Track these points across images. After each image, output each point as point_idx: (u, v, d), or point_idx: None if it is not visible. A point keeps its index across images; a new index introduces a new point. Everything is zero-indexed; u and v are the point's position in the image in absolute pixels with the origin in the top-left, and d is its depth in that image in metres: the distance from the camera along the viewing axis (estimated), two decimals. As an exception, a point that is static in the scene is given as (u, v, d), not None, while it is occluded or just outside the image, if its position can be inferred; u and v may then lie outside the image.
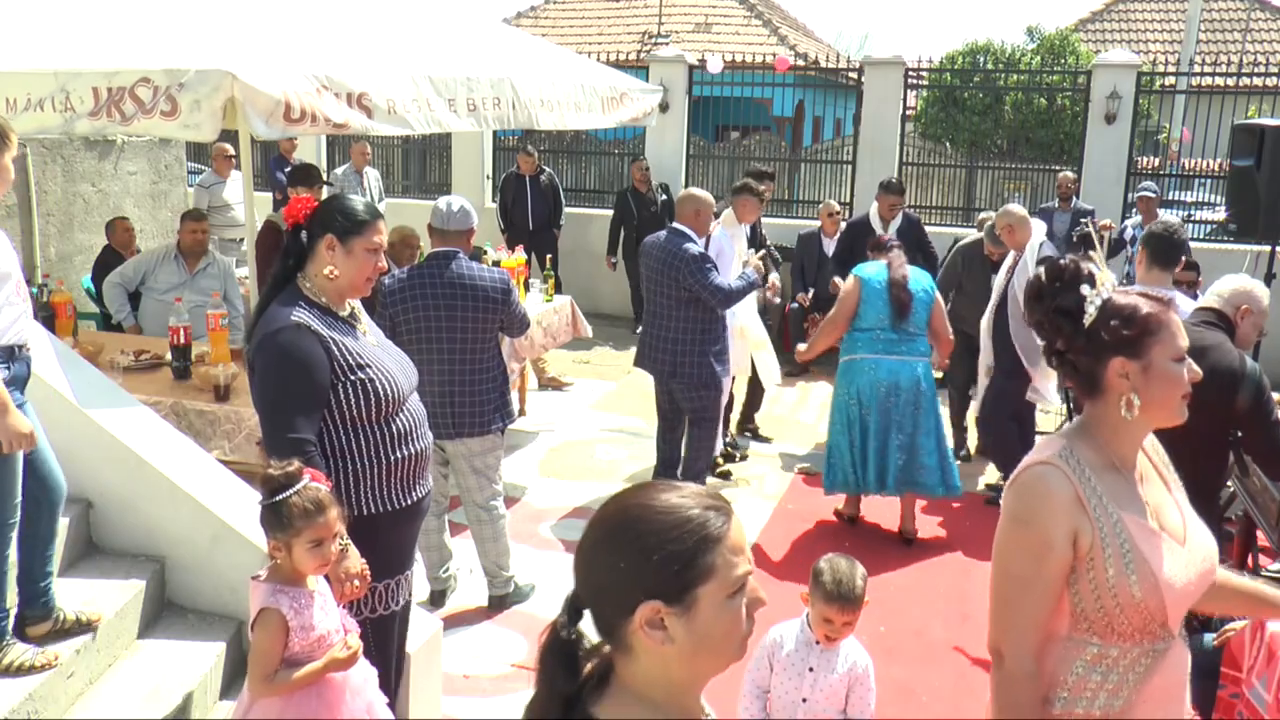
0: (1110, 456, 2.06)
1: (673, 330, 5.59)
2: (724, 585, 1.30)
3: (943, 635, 4.72)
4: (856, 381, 5.61)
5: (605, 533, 1.33)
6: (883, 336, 5.57)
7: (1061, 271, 2.08)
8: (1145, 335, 2.00)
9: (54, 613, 3.23)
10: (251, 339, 2.92)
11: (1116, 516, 2.00)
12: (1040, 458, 2.08)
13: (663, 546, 1.28)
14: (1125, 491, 2.04)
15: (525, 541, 5.41)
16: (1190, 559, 2.03)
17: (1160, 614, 1.99)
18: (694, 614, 1.28)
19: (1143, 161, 12.21)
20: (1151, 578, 1.97)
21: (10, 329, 2.97)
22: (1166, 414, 2.05)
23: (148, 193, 9.08)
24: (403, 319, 4.41)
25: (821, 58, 18.67)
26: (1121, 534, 1.99)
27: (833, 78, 17.28)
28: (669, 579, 1.28)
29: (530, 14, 24.22)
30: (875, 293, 5.58)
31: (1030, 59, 19.24)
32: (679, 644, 1.29)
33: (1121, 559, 1.97)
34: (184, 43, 4.40)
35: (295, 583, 2.62)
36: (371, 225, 2.94)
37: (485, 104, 5.55)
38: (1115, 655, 2.02)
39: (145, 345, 5.42)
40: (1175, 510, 2.10)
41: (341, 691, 2.68)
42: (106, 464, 3.68)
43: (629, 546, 1.29)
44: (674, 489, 1.34)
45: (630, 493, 1.36)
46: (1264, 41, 21.67)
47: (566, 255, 10.30)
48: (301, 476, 2.57)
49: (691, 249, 5.49)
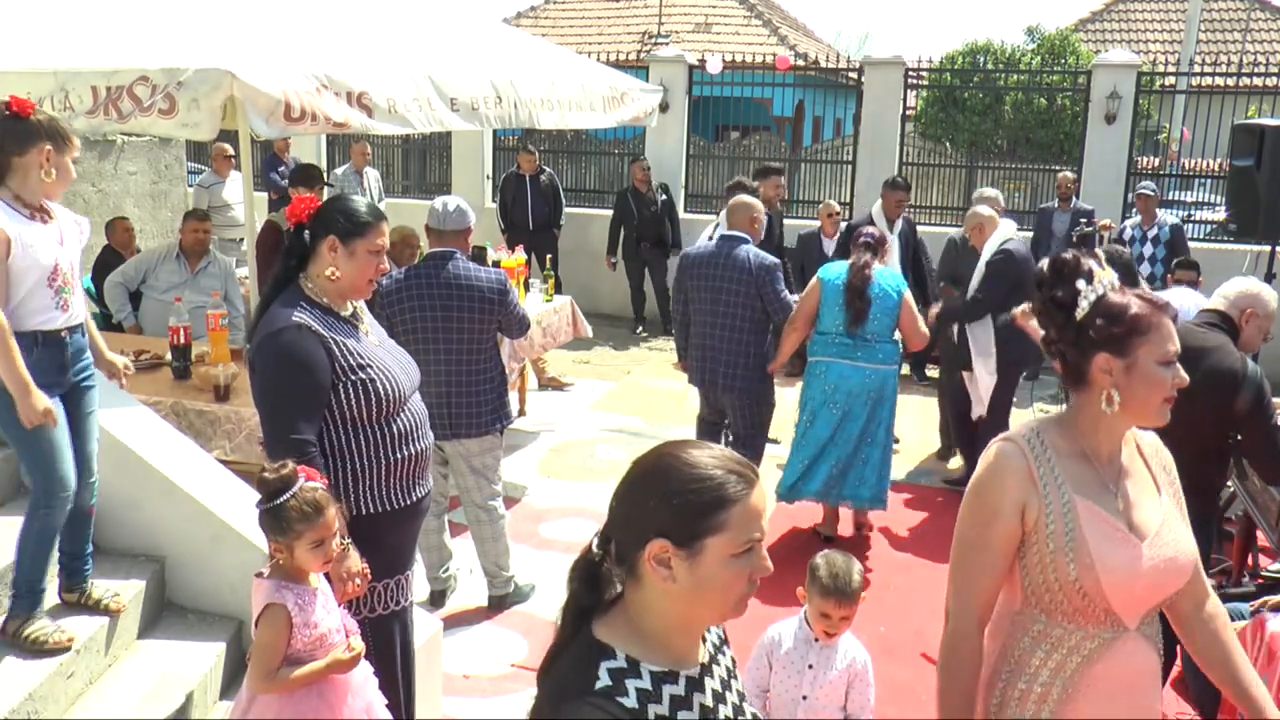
0: (1083, 445, 2.13)
1: (738, 342, 5.35)
2: (732, 543, 1.43)
3: None
4: (811, 385, 5.48)
5: (639, 473, 1.48)
6: (838, 340, 5.39)
7: (1063, 264, 2.14)
8: (1133, 335, 2.04)
9: (84, 585, 3.42)
10: (252, 339, 2.92)
11: (1069, 499, 2.07)
12: (1005, 435, 2.20)
13: (682, 494, 1.42)
14: (1089, 479, 2.10)
15: (525, 542, 5.40)
16: (1148, 557, 2.06)
17: (1100, 600, 2.05)
18: (698, 561, 1.42)
19: (1143, 161, 12.20)
20: (1089, 561, 2.03)
21: (37, 317, 3.12)
22: (1146, 415, 2.09)
23: (148, 193, 9.10)
24: (400, 319, 4.40)
25: (821, 58, 18.68)
26: (1069, 515, 2.06)
27: (833, 78, 17.28)
28: (681, 524, 1.42)
29: (530, 14, 24.23)
30: (833, 295, 5.38)
31: (1030, 59, 19.25)
32: (680, 584, 1.43)
33: (1063, 537, 2.06)
34: (183, 41, 4.40)
35: (298, 580, 2.63)
36: (374, 227, 2.93)
37: (485, 103, 5.55)
38: (1059, 635, 2.11)
39: (145, 345, 5.42)
40: (1154, 511, 2.12)
41: (342, 691, 2.68)
42: (107, 464, 3.67)
43: (655, 488, 1.44)
44: (708, 449, 1.48)
45: (672, 444, 1.52)
46: (1264, 41, 21.67)
47: (566, 255, 10.30)
48: (297, 478, 2.57)
49: (769, 255, 5.38)
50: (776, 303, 5.30)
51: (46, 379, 3.11)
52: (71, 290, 3.21)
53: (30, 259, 3.06)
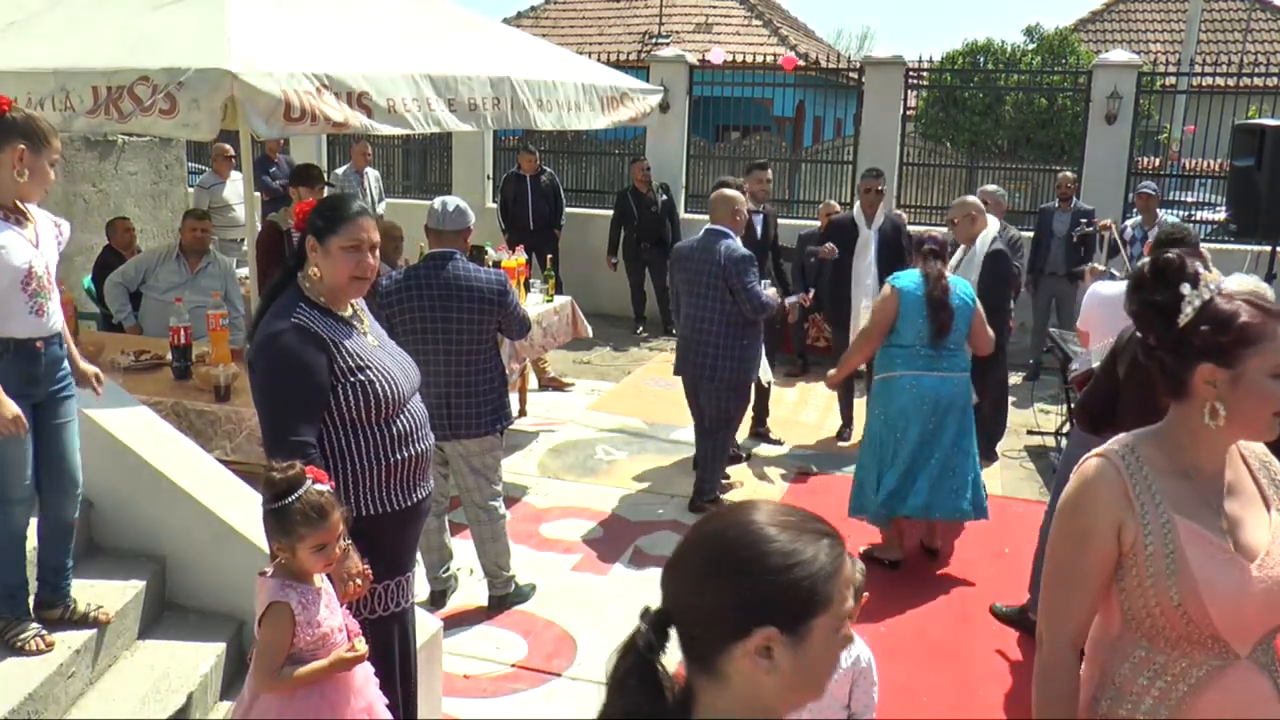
0: (1182, 462, 2.00)
1: (710, 334, 5.58)
2: (835, 618, 1.26)
3: (943, 635, 4.71)
4: (897, 400, 5.19)
5: (719, 553, 1.26)
6: (922, 353, 5.14)
7: (1165, 266, 1.99)
8: (1240, 345, 1.89)
9: (67, 600, 3.35)
10: (252, 341, 2.92)
11: (1168, 518, 1.95)
12: (1100, 450, 2.06)
13: (788, 571, 1.23)
14: (1190, 498, 1.98)
15: (525, 542, 5.40)
16: (1258, 579, 1.93)
17: (1206, 626, 1.93)
18: (805, 645, 1.24)
19: (1143, 162, 12.20)
20: (1192, 584, 1.91)
21: (9, 323, 3.05)
22: (1254, 429, 1.97)
23: (148, 193, 9.09)
24: (399, 320, 4.40)
25: (821, 58, 18.67)
26: (1169, 536, 1.95)
27: (833, 78, 17.28)
28: (789, 606, 1.23)
29: (531, 14, 24.23)
30: (914, 307, 5.13)
31: (1030, 59, 19.24)
32: (782, 674, 1.23)
33: (1164, 560, 1.94)
34: (184, 42, 4.40)
35: (302, 579, 2.62)
36: (347, 223, 2.87)
37: (485, 104, 5.55)
38: (1163, 662, 1.99)
39: (146, 345, 5.42)
40: (1262, 529, 1.98)
41: (344, 691, 2.68)
42: (107, 464, 3.68)
43: (748, 569, 1.23)
44: (785, 512, 1.29)
45: (739, 512, 1.30)
46: (1264, 41, 21.66)
47: (567, 255, 10.30)
48: (304, 480, 2.57)
49: (741, 249, 5.54)
50: (744, 294, 5.43)
51: (13, 390, 3.03)
52: (48, 295, 3.14)
53: (1, 261, 3.00)
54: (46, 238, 3.19)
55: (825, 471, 6.75)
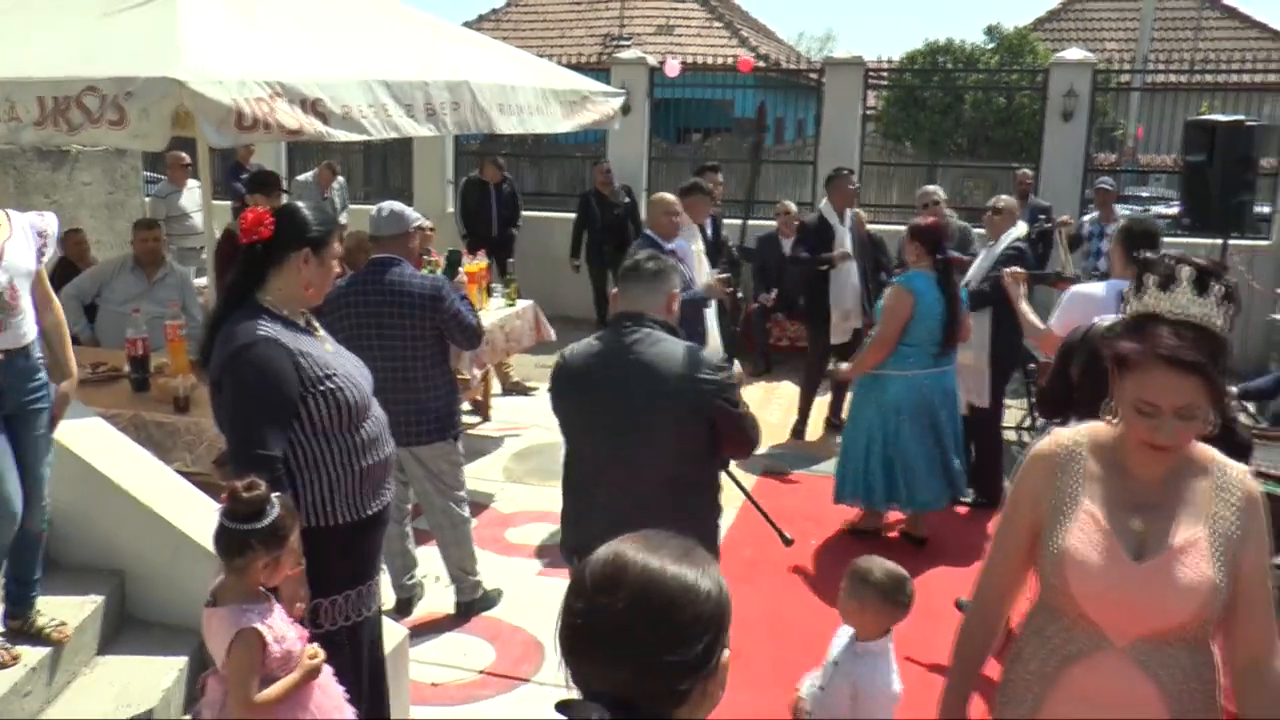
0: (1120, 458, 2.09)
1: None
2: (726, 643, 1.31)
3: (943, 635, 4.72)
4: (892, 391, 5.36)
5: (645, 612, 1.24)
6: (929, 352, 5.35)
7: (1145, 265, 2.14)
8: (1118, 366, 2.01)
9: (30, 612, 3.32)
10: (212, 353, 2.87)
11: (1082, 501, 2.07)
12: (1056, 431, 2.21)
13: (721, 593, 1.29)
14: (1113, 492, 2.06)
15: (491, 547, 5.38)
16: (1141, 578, 1.98)
17: (1072, 605, 2.06)
18: (716, 676, 1.29)
19: (1100, 158, 12.37)
20: (1065, 561, 2.04)
21: None
22: (1134, 447, 2.04)
23: (103, 203, 8.95)
24: (340, 326, 4.31)
25: (783, 59, 18.76)
26: (1070, 516, 2.07)
27: (794, 79, 17.36)
28: (717, 641, 1.27)
29: (492, 17, 24.19)
30: (929, 311, 5.28)
31: (990, 58, 19.44)
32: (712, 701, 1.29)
33: (1057, 535, 2.08)
34: (133, 50, 4.34)
35: (254, 597, 2.58)
36: (336, 232, 3.00)
37: (444, 108, 5.51)
38: (1051, 631, 2.13)
39: (103, 357, 5.35)
40: (1181, 536, 2.00)
41: (310, 689, 2.66)
42: (63, 478, 3.62)
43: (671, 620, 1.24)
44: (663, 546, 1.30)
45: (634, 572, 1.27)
46: (1215, 39, 22.01)
47: (529, 259, 10.28)
48: (271, 506, 2.51)
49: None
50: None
51: None
52: (11, 310, 3.08)
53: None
54: (16, 250, 3.13)
55: (797, 469, 6.85)
